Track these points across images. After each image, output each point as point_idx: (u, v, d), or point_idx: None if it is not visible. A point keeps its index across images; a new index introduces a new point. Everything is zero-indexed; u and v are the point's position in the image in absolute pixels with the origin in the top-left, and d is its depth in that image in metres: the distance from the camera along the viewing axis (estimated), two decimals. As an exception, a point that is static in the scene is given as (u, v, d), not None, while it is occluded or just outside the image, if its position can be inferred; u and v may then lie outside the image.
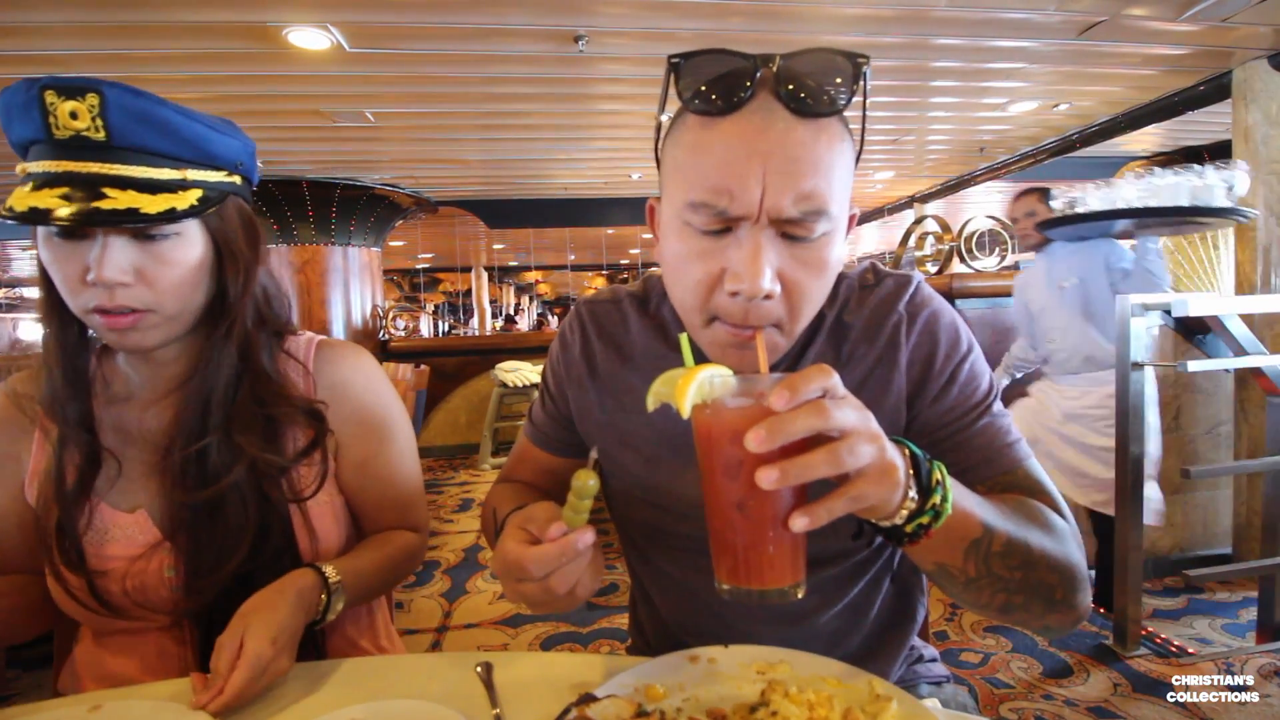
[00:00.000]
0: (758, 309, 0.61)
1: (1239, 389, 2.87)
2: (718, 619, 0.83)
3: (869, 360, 0.75)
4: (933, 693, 0.86)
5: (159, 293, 0.74)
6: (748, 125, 0.58)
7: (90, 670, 0.85)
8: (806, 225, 0.59)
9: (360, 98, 3.70)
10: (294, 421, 0.84)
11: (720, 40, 3.35)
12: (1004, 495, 0.69)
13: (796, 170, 0.58)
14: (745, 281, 0.59)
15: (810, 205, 0.59)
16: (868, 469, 0.49)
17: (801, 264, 0.61)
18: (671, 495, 0.80)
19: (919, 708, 0.56)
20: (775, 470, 0.46)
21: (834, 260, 0.64)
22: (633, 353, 0.83)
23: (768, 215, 0.59)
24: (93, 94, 0.67)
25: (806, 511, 0.48)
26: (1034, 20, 2.93)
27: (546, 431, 0.91)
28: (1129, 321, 2.18)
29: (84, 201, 0.66)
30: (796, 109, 0.58)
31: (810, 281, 0.62)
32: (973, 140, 5.08)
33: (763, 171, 0.58)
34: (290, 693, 0.68)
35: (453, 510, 4.32)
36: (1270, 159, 3.04)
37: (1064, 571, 0.63)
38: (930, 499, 0.53)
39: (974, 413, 0.73)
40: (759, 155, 0.58)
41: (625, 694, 0.60)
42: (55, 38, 2.79)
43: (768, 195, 0.58)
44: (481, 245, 11.25)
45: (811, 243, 0.61)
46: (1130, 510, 2.19)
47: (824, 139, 0.59)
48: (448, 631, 2.64)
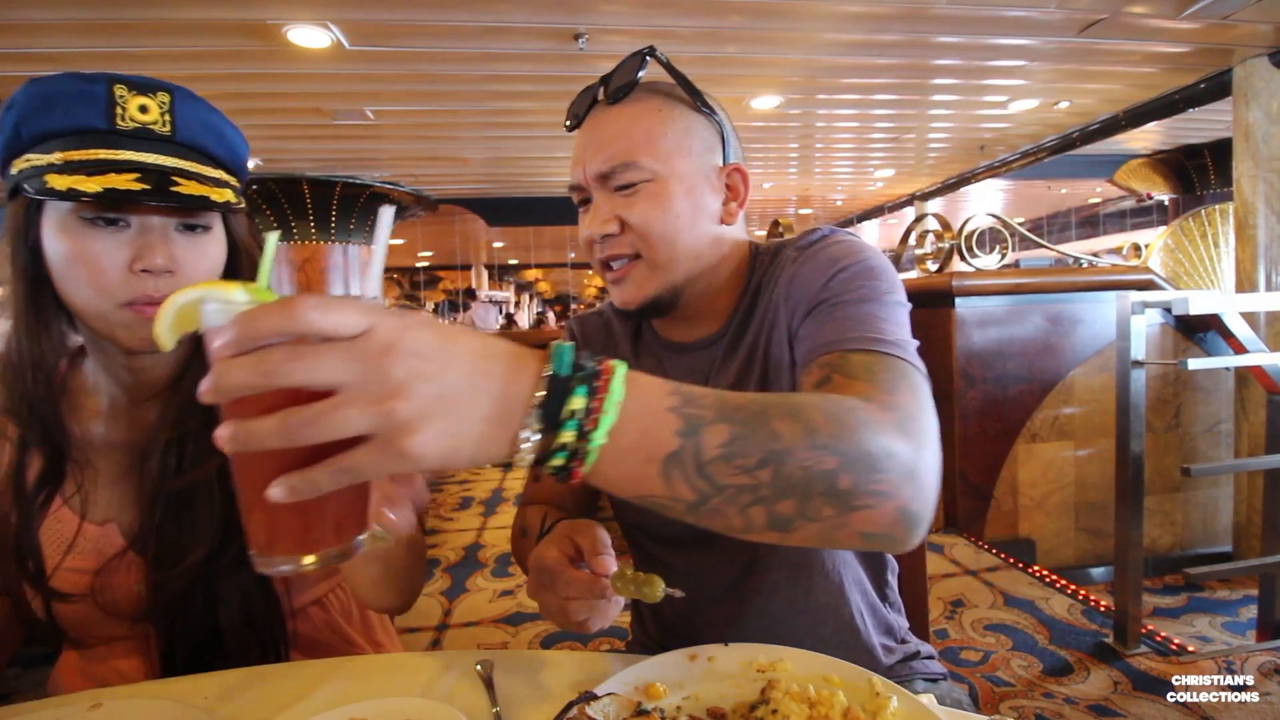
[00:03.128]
0: (610, 244, 0.77)
1: (1239, 387, 2.87)
2: (719, 607, 0.85)
3: (776, 300, 0.78)
4: (928, 689, 0.87)
5: (190, 282, 0.75)
6: (584, 127, 0.80)
7: (71, 680, 0.84)
8: (620, 175, 0.75)
9: (360, 95, 3.70)
10: None
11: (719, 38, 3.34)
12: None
13: (602, 139, 0.76)
14: (589, 227, 0.78)
15: (617, 160, 0.75)
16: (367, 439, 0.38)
17: (633, 206, 0.75)
18: None
19: (919, 705, 0.56)
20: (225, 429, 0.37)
21: (668, 202, 0.75)
22: (616, 349, 0.93)
23: (591, 177, 0.77)
24: (164, 93, 0.74)
25: (284, 481, 0.38)
26: (1034, 18, 2.93)
27: None
28: (1129, 319, 2.18)
29: (161, 186, 0.70)
30: (606, 99, 0.78)
31: (645, 218, 0.75)
32: (973, 138, 5.08)
33: (584, 149, 0.78)
34: (290, 692, 0.68)
35: (453, 509, 4.32)
36: (1271, 157, 3.03)
37: (846, 453, 0.48)
38: (557, 437, 0.41)
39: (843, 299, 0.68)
40: (583, 141, 0.79)
41: (625, 692, 0.60)
42: (55, 35, 2.79)
43: (587, 165, 0.77)
44: (481, 243, 11.25)
45: (638, 188, 0.75)
46: (1130, 509, 2.19)
47: (626, 113, 0.77)
48: (448, 630, 2.64)
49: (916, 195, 7.23)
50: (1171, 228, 3.86)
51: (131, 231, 0.73)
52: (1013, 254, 3.47)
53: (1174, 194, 5.99)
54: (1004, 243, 2.80)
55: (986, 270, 2.74)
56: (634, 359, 0.90)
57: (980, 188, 6.89)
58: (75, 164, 0.69)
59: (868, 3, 2.77)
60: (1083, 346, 2.81)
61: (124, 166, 0.70)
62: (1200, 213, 3.76)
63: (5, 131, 0.72)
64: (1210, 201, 5.13)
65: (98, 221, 0.71)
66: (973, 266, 2.72)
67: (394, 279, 14.51)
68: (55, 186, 0.67)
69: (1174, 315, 2.73)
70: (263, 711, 0.64)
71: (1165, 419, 2.83)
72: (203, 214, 0.77)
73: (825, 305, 0.69)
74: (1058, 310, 2.77)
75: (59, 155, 0.70)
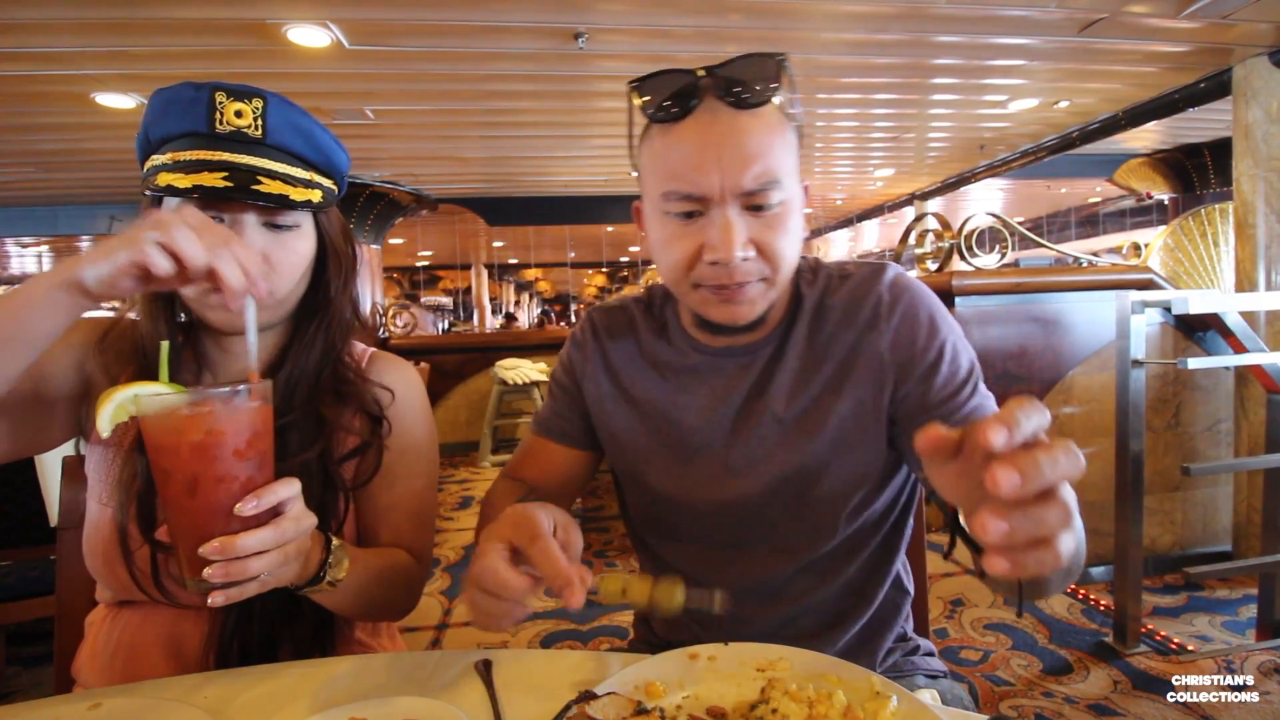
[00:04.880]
0: (739, 269, 0.72)
1: (1239, 386, 2.87)
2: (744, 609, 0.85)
3: (850, 337, 0.80)
4: (929, 685, 0.87)
5: (277, 276, 0.81)
6: (699, 123, 0.71)
7: (105, 647, 0.85)
8: (764, 195, 0.70)
9: (360, 95, 3.70)
10: (362, 405, 0.90)
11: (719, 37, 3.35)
12: None
13: (746, 152, 0.69)
14: (721, 251, 0.70)
15: (765, 179, 0.70)
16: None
17: (769, 229, 0.72)
18: (676, 483, 0.85)
19: (919, 705, 0.56)
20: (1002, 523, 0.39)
21: (794, 225, 0.74)
22: (639, 345, 0.91)
23: (730, 193, 0.70)
24: (258, 99, 0.79)
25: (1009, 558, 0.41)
26: (1034, 17, 2.93)
27: (558, 424, 0.95)
28: (1129, 319, 2.18)
29: (245, 184, 0.76)
30: (736, 104, 0.70)
31: (780, 242, 0.72)
32: (973, 137, 5.09)
33: (719, 157, 0.69)
34: (290, 691, 0.68)
35: (453, 508, 4.32)
36: (1270, 156, 3.03)
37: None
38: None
39: (964, 391, 0.77)
40: (712, 144, 0.70)
41: (625, 691, 0.60)
42: (55, 34, 2.79)
43: (727, 176, 0.69)
44: (481, 243, 11.25)
45: (773, 210, 0.72)
46: (1130, 508, 2.19)
47: (764, 124, 0.71)
48: (447, 629, 2.64)
49: (916, 195, 7.23)
50: (1171, 227, 3.85)
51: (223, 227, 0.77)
52: (1012, 253, 3.46)
53: (1174, 193, 5.99)
54: (1004, 242, 2.80)
55: (986, 270, 2.73)
56: (661, 358, 0.89)
57: (980, 187, 6.89)
58: (180, 164, 0.76)
59: (868, 3, 2.77)
60: (1082, 346, 2.80)
61: (216, 166, 0.76)
62: (1200, 212, 3.76)
63: (140, 135, 0.81)
64: (1210, 201, 5.13)
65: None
66: (972, 266, 2.71)
67: (394, 279, 14.51)
68: (158, 183, 0.75)
69: (1174, 315, 2.73)
70: (263, 711, 0.65)
71: (1165, 418, 2.83)
72: (289, 213, 0.81)
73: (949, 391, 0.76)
74: (1057, 309, 2.77)
75: (170, 156, 0.77)
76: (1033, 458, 0.39)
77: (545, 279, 17.79)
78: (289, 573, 0.65)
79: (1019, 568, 0.41)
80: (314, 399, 0.87)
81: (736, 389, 0.83)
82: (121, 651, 0.83)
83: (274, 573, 0.62)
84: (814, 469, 0.80)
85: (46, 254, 9.86)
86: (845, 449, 0.80)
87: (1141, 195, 6.66)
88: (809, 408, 0.80)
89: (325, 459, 0.86)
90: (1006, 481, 0.38)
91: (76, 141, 4.28)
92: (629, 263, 14.95)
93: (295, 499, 0.63)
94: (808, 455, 0.80)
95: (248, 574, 0.59)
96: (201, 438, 0.58)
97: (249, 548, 0.58)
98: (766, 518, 0.83)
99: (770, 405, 0.81)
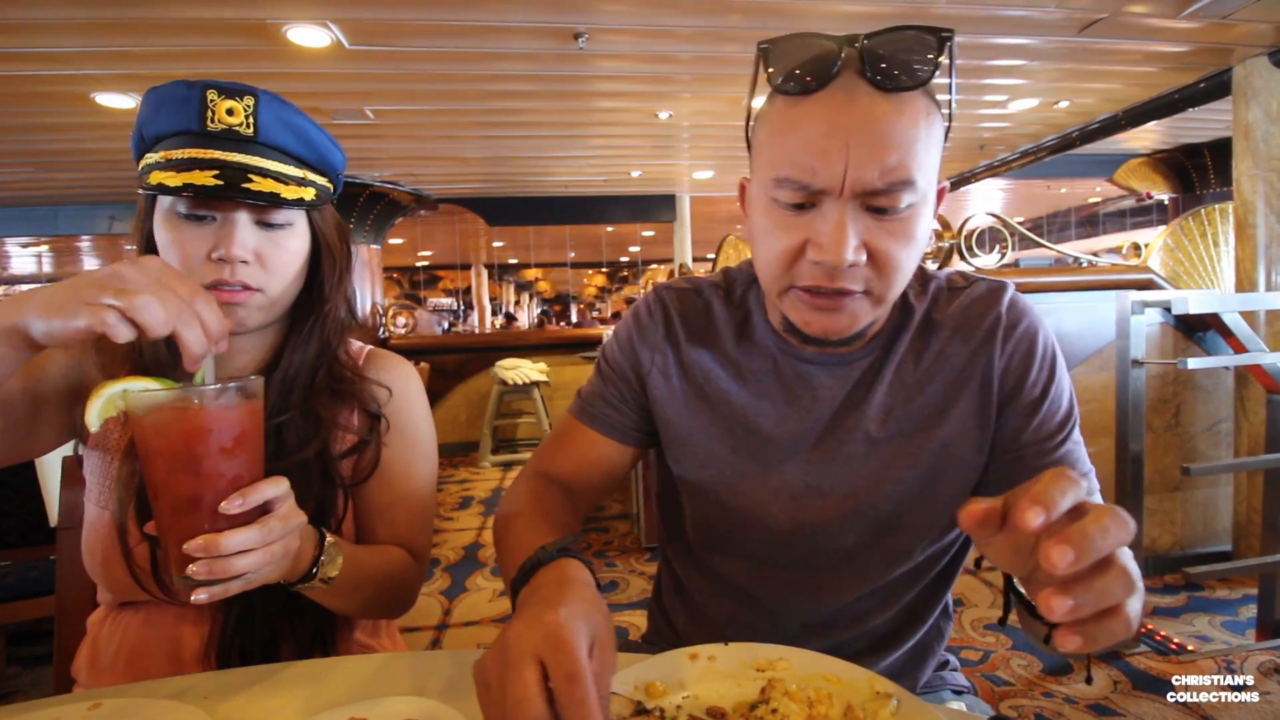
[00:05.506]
0: (844, 274, 0.63)
1: (1239, 386, 2.87)
2: (775, 619, 0.83)
3: (962, 357, 0.73)
4: (955, 700, 0.85)
5: (270, 274, 0.81)
6: (830, 102, 0.60)
7: (106, 648, 0.85)
8: (892, 196, 0.60)
9: (360, 95, 3.70)
10: (360, 403, 0.90)
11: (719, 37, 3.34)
12: None
13: (880, 143, 0.59)
14: (829, 253, 0.61)
15: (895, 177, 0.60)
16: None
17: (889, 234, 0.62)
18: (749, 496, 0.78)
19: (919, 704, 0.56)
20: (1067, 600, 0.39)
21: (922, 232, 0.64)
22: (718, 338, 0.81)
23: (851, 189, 0.60)
24: (250, 96, 0.78)
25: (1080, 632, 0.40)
26: (1034, 17, 2.92)
27: (608, 415, 0.84)
28: (1129, 319, 2.18)
29: (235, 183, 0.76)
30: (879, 85, 0.60)
31: (898, 251, 0.63)
32: (973, 137, 5.08)
33: (846, 146, 0.59)
34: (290, 691, 0.68)
35: (453, 508, 4.32)
36: (1270, 156, 3.03)
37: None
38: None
39: (1060, 434, 0.72)
40: (841, 130, 0.59)
41: (625, 691, 0.60)
42: (54, 34, 2.79)
43: (851, 168, 0.59)
44: (481, 243, 11.25)
45: (898, 214, 0.62)
46: (1130, 508, 2.19)
47: (908, 112, 0.60)
48: (447, 629, 2.64)
49: (916, 195, 7.22)
50: (1171, 227, 3.85)
51: (215, 225, 0.79)
52: (1012, 253, 3.46)
53: (1174, 193, 5.99)
54: (1004, 242, 2.80)
55: (987, 270, 2.74)
56: (739, 356, 0.80)
57: (980, 187, 6.89)
58: (172, 162, 0.76)
59: (868, 3, 2.77)
60: (1082, 346, 2.81)
61: (207, 164, 0.76)
62: (1200, 212, 3.75)
63: (135, 134, 0.81)
64: (1210, 201, 5.13)
65: (189, 217, 0.78)
66: (973, 266, 2.71)
67: (394, 279, 14.50)
68: (150, 181, 0.75)
69: (1174, 315, 2.73)
70: (263, 711, 0.64)
71: (1165, 418, 2.83)
72: (281, 211, 0.81)
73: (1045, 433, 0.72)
74: (1058, 309, 2.77)
75: (162, 154, 0.77)
76: (1083, 530, 0.38)
77: (545, 279, 17.79)
78: (276, 571, 0.65)
79: (1091, 642, 0.40)
80: (310, 397, 0.87)
81: (826, 402, 0.76)
82: (124, 652, 0.83)
83: (259, 571, 0.61)
84: (906, 497, 0.74)
85: (46, 254, 9.86)
86: (943, 478, 0.74)
87: (1141, 195, 6.66)
88: (908, 430, 0.74)
89: (324, 456, 0.86)
90: (1061, 559, 0.37)
91: (76, 141, 4.28)
92: (629, 263, 14.94)
93: (284, 498, 0.63)
94: (902, 481, 0.74)
95: (231, 572, 0.59)
96: (188, 434, 0.58)
97: (232, 546, 0.58)
98: (843, 543, 0.77)
99: (864, 424, 0.74)
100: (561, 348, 6.17)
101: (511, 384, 5.22)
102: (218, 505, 0.58)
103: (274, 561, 0.63)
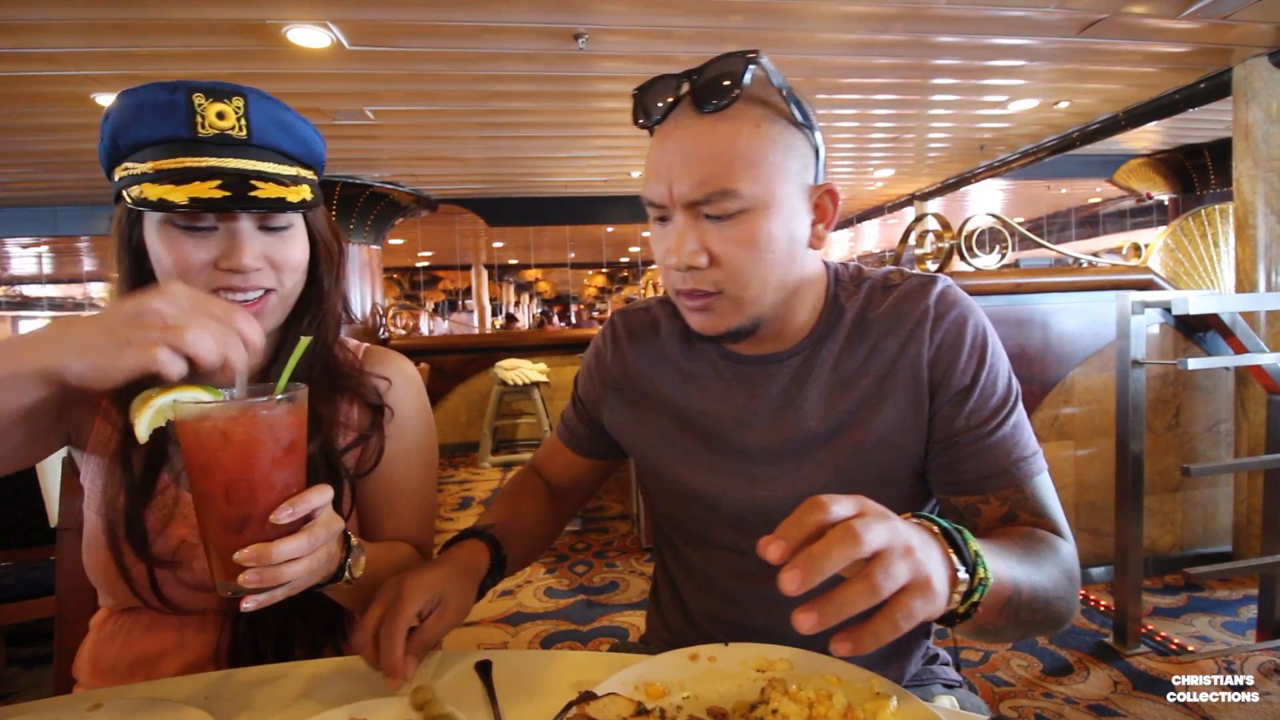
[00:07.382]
0: (694, 277, 0.72)
1: (1239, 387, 2.87)
2: (745, 612, 0.85)
3: (893, 350, 0.77)
4: (946, 694, 0.86)
5: (283, 275, 0.80)
6: (663, 131, 0.71)
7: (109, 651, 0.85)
8: (715, 205, 0.68)
9: (360, 95, 3.70)
10: (360, 396, 0.91)
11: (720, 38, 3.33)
12: (1010, 529, 0.71)
13: (694, 159, 0.68)
14: (673, 255, 0.71)
15: (712, 187, 0.67)
16: (909, 585, 0.46)
17: (729, 239, 0.70)
18: (707, 495, 0.84)
19: (918, 704, 0.56)
20: (813, 615, 0.44)
21: (765, 234, 0.70)
22: (664, 349, 0.89)
23: (679, 201, 0.70)
24: (239, 97, 0.75)
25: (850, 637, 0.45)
26: (1034, 18, 2.92)
27: (576, 433, 0.99)
28: (1129, 319, 2.18)
29: (241, 192, 0.73)
30: (698, 108, 0.69)
31: (739, 254, 0.70)
32: (973, 138, 5.08)
33: (670, 166, 0.69)
34: (290, 692, 0.68)
35: (453, 508, 4.32)
36: (1270, 156, 3.03)
37: (1071, 598, 0.67)
38: (976, 573, 0.52)
39: (994, 420, 0.74)
40: (668, 153, 0.70)
41: (625, 692, 0.60)
42: (55, 34, 2.79)
43: (675, 184, 0.69)
44: (481, 243, 11.24)
45: (733, 219, 0.69)
46: (1130, 509, 2.19)
47: (723, 128, 0.68)
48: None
49: (916, 195, 7.22)
50: (1171, 227, 3.85)
51: (218, 235, 0.77)
52: (1012, 254, 3.46)
53: (1174, 194, 5.99)
54: (1004, 242, 2.80)
55: (986, 270, 2.73)
56: (684, 362, 0.87)
57: (980, 187, 6.89)
58: (164, 173, 0.73)
59: (868, 3, 2.77)
60: (1083, 346, 2.80)
61: (206, 174, 0.73)
62: (1200, 212, 3.76)
63: (104, 141, 0.77)
64: (1210, 201, 5.13)
65: (190, 229, 0.76)
66: (973, 266, 2.71)
67: (394, 279, 14.50)
68: (149, 197, 0.72)
69: (1174, 315, 2.73)
70: (264, 711, 0.65)
71: (1165, 419, 2.83)
72: (282, 215, 0.80)
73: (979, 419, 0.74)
74: (1058, 310, 2.77)
75: (150, 165, 0.73)
76: (809, 555, 0.44)
77: (545, 279, 17.77)
78: (318, 575, 0.65)
79: (860, 645, 0.44)
80: (312, 391, 0.87)
81: (765, 400, 0.81)
82: (127, 655, 0.83)
83: (304, 577, 0.62)
84: (852, 488, 0.76)
85: (46, 254, 9.85)
86: (887, 468, 0.78)
87: (1141, 196, 6.66)
88: (848, 423, 0.77)
89: (326, 451, 0.86)
90: (790, 584, 0.43)
91: (76, 141, 4.27)
92: (629, 263, 14.94)
93: (325, 505, 0.63)
94: (846, 471, 0.77)
95: (281, 580, 0.59)
96: (241, 445, 0.57)
97: (283, 555, 0.58)
98: None
99: (803, 419, 0.79)
100: (561, 348, 6.17)
101: (511, 384, 5.21)
102: (267, 515, 0.58)
103: (318, 567, 0.63)
